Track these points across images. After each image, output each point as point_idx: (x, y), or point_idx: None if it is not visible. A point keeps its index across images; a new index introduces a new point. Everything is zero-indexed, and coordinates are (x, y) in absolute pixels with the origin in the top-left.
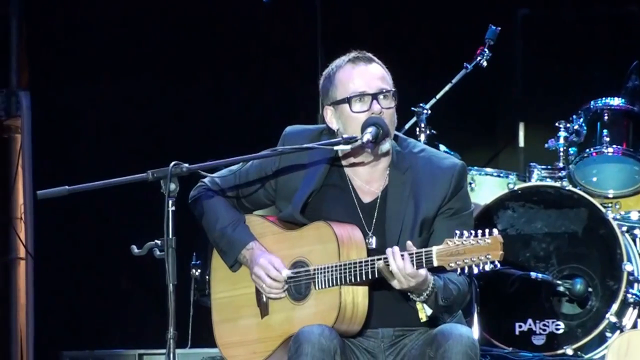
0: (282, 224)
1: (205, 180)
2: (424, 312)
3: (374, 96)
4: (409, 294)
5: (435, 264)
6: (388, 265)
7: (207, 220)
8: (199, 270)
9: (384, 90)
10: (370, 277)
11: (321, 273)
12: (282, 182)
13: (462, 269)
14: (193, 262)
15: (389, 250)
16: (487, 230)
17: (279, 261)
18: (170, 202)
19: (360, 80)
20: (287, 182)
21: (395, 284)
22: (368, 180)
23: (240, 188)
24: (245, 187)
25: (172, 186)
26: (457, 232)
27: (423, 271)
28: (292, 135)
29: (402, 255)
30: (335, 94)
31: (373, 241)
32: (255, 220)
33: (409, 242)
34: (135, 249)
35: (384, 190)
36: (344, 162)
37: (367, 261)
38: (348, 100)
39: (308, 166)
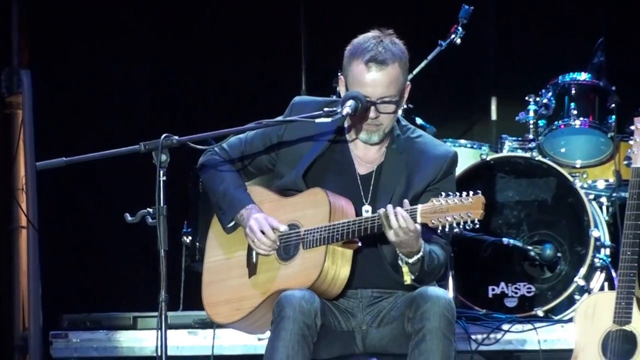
0: (280, 192)
1: (215, 147)
2: (409, 275)
3: (373, 103)
4: (399, 254)
5: (419, 220)
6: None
7: (212, 183)
8: (189, 238)
9: (385, 99)
10: (357, 234)
11: (310, 233)
12: (286, 149)
13: (444, 227)
14: (184, 230)
15: (389, 207)
16: (471, 192)
17: (275, 220)
18: (161, 172)
19: (367, 86)
20: (291, 149)
21: (391, 234)
22: (365, 154)
23: (245, 152)
24: (249, 152)
25: (163, 157)
26: (443, 193)
27: (418, 226)
28: (299, 105)
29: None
30: (348, 76)
31: (369, 209)
32: (255, 190)
33: (405, 200)
34: (128, 217)
35: (379, 165)
36: (347, 137)
37: (356, 221)
38: None
39: (314, 136)
